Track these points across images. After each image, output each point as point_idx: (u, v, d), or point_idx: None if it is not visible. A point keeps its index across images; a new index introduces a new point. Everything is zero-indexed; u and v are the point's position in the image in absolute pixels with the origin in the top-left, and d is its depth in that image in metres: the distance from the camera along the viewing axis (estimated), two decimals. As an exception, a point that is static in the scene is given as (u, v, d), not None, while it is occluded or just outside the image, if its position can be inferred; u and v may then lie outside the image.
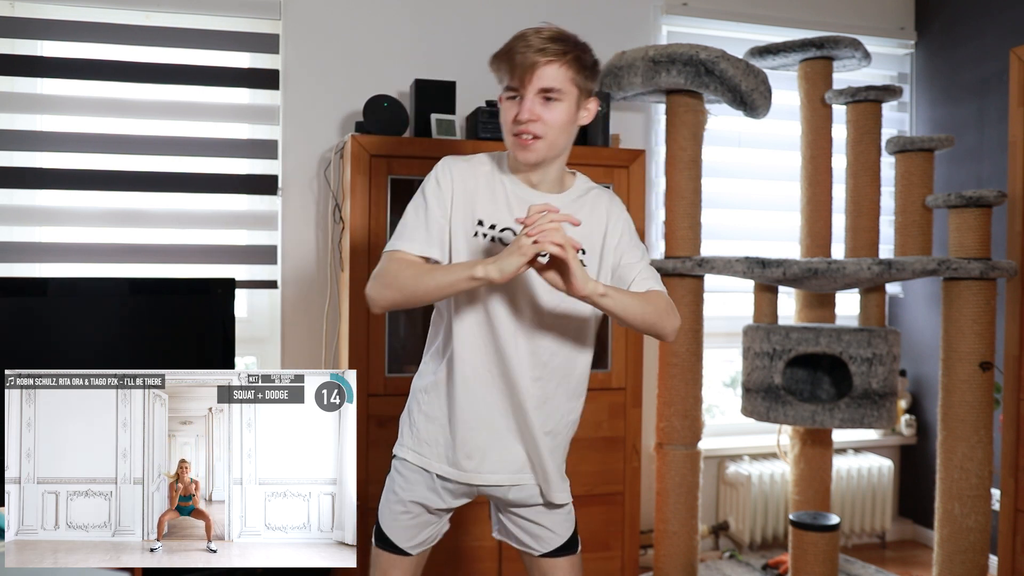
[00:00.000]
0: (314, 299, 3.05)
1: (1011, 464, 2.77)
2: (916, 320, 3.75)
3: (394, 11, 3.14)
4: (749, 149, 3.59)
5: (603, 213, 1.71)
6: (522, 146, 1.59)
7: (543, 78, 1.56)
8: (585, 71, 1.61)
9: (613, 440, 2.90)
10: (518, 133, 1.58)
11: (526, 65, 1.55)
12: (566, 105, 1.59)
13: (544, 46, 1.57)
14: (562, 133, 1.61)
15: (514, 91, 1.59)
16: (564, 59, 1.57)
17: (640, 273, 1.69)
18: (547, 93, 1.57)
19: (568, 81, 1.58)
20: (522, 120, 1.56)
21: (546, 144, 1.59)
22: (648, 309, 1.61)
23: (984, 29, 3.45)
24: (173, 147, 2.93)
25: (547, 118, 1.57)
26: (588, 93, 1.64)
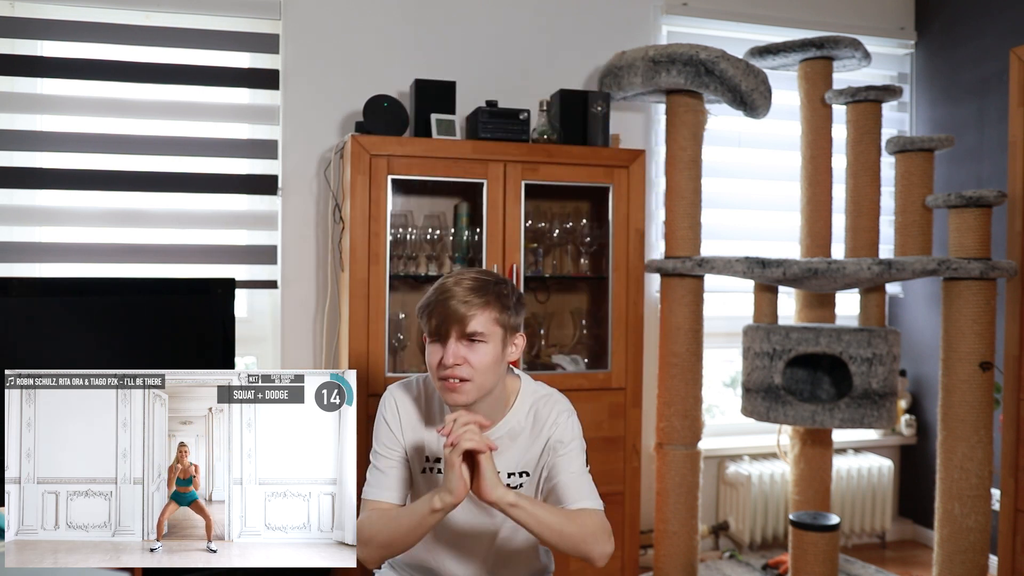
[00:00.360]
0: (314, 299, 3.05)
1: (1011, 464, 2.77)
2: (916, 320, 3.75)
3: (394, 11, 3.14)
4: (749, 149, 3.59)
5: (544, 435, 1.68)
6: (450, 389, 1.58)
7: (465, 325, 1.56)
8: (507, 311, 1.60)
9: (613, 440, 2.90)
10: (444, 377, 1.58)
11: (449, 317, 1.56)
12: (491, 347, 1.58)
13: (466, 298, 1.57)
14: (490, 374, 1.59)
15: (436, 335, 1.60)
16: (486, 307, 1.57)
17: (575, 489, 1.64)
18: (471, 336, 1.57)
19: (492, 323, 1.58)
20: (447, 364, 1.56)
21: (475, 386, 1.58)
22: (570, 530, 1.57)
23: (984, 29, 3.45)
24: (173, 147, 2.93)
25: (473, 361, 1.57)
26: (514, 329, 1.63)
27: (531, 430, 1.68)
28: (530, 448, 1.68)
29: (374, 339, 2.68)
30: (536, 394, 1.71)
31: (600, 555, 1.61)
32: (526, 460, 1.68)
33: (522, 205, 2.82)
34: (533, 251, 3.01)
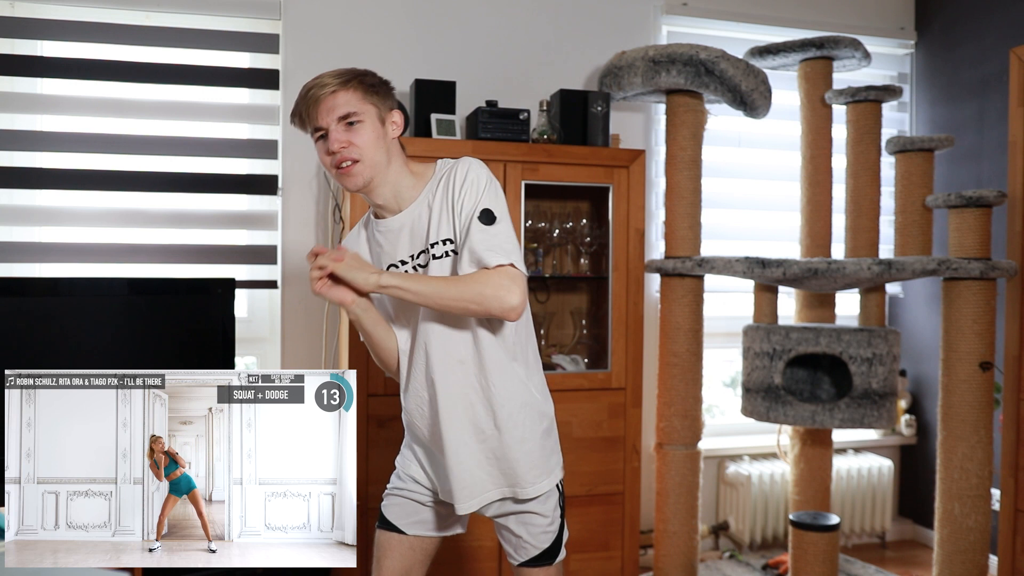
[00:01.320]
0: (314, 299, 3.05)
1: (1011, 464, 2.77)
2: (916, 320, 3.75)
3: (394, 11, 3.14)
4: (749, 149, 3.59)
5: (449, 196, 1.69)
6: (344, 174, 1.66)
7: (336, 107, 1.64)
8: (372, 89, 1.68)
9: (613, 440, 2.90)
10: (337, 164, 1.66)
11: (318, 102, 1.65)
12: (368, 124, 1.65)
13: (325, 82, 1.66)
14: (376, 150, 1.66)
15: (320, 130, 1.66)
16: (347, 86, 1.66)
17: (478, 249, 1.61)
18: (346, 119, 1.64)
19: (359, 102, 1.65)
20: (334, 150, 1.64)
21: (365, 165, 1.65)
22: (455, 292, 1.58)
23: (984, 29, 3.45)
24: (173, 147, 2.93)
25: (356, 140, 1.64)
26: (388, 108, 1.70)
27: (443, 197, 1.69)
28: (445, 214, 1.68)
29: (374, 339, 2.68)
30: (444, 165, 1.74)
31: (500, 309, 1.58)
32: (447, 227, 1.68)
33: (522, 205, 2.82)
34: (533, 251, 3.01)
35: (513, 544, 1.79)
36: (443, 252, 1.68)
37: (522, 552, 1.78)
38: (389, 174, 1.69)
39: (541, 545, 1.78)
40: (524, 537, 1.77)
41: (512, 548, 1.80)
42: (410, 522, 1.79)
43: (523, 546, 1.77)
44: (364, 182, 1.66)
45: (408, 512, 1.79)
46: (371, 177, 1.66)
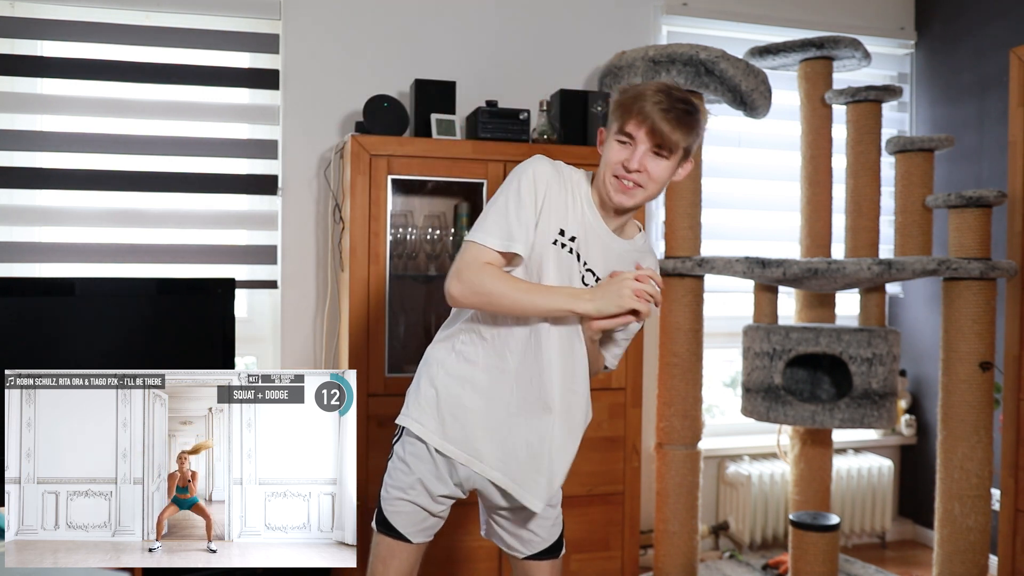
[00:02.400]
0: (314, 299, 3.05)
1: (1011, 464, 2.77)
2: (916, 320, 3.75)
3: (394, 11, 3.14)
4: (749, 149, 3.59)
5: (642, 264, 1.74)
6: (623, 190, 1.64)
7: (661, 136, 1.60)
8: (695, 136, 1.66)
9: (613, 440, 2.90)
10: (622, 176, 1.63)
11: (654, 130, 1.60)
12: (671, 164, 1.65)
13: (678, 121, 1.60)
14: (660, 187, 1.67)
15: (628, 137, 1.63)
16: (685, 124, 1.62)
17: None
18: (658, 150, 1.62)
19: (680, 143, 1.63)
20: (631, 168, 1.61)
21: (644, 195, 1.65)
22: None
23: (984, 29, 3.45)
24: (173, 147, 2.93)
25: (653, 172, 1.63)
26: (689, 154, 1.69)
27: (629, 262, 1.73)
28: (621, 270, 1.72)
29: (374, 339, 2.68)
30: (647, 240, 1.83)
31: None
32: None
33: (522, 205, 2.82)
34: (533, 251, 3.01)
35: (522, 539, 1.78)
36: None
37: (531, 546, 1.78)
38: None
39: (550, 538, 1.78)
40: (536, 531, 1.77)
41: (519, 543, 1.79)
42: (416, 531, 1.76)
43: (533, 539, 1.77)
44: (632, 206, 1.67)
45: (416, 521, 1.75)
46: (639, 206, 1.68)
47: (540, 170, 1.69)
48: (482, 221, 1.66)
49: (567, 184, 1.71)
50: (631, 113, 1.61)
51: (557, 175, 1.70)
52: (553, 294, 1.62)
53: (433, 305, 3.02)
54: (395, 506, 1.75)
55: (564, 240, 1.68)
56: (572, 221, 1.69)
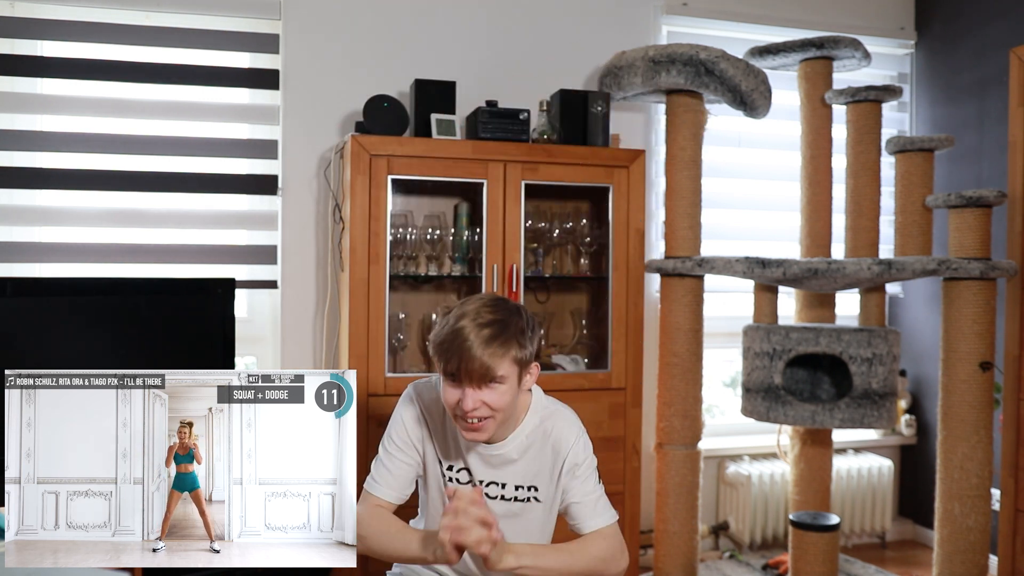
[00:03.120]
0: (314, 299, 3.05)
1: (1011, 464, 2.77)
2: (916, 320, 3.75)
3: (394, 11, 3.14)
4: (749, 149, 3.59)
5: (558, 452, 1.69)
6: (471, 429, 1.59)
7: (484, 368, 1.54)
8: (523, 349, 1.58)
9: (613, 440, 2.90)
10: (463, 417, 1.58)
11: (470, 369, 1.54)
12: (509, 387, 1.58)
13: (487, 349, 1.53)
14: (509, 405, 1.60)
15: (455, 378, 1.57)
16: (506, 355, 1.55)
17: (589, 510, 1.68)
18: (489, 381, 1.56)
19: (510, 365, 1.56)
20: (466, 408, 1.56)
21: (493, 423, 1.60)
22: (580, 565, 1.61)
23: (984, 29, 3.45)
24: (173, 147, 2.93)
25: (492, 402, 1.57)
26: (529, 362, 1.62)
27: (540, 444, 1.70)
28: (538, 461, 1.70)
29: (374, 339, 2.68)
30: (546, 409, 1.72)
31: (616, 571, 1.67)
32: (534, 473, 1.70)
33: (522, 205, 2.82)
34: (533, 251, 3.01)
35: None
36: (525, 497, 1.70)
37: None
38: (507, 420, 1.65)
39: None
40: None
41: None
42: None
43: None
44: (488, 437, 1.61)
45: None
46: (496, 430, 1.62)
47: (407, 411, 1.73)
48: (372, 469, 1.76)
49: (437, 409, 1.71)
50: (446, 355, 1.56)
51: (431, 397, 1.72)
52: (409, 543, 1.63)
53: (433, 305, 3.02)
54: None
55: (449, 473, 1.71)
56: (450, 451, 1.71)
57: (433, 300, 3.03)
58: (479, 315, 1.56)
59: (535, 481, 1.70)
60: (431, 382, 1.76)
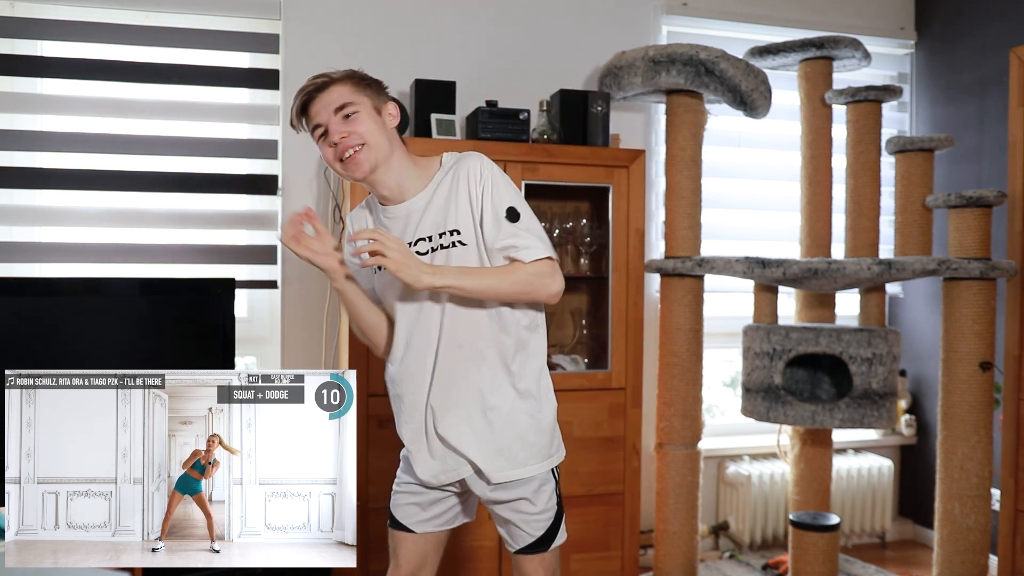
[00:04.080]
0: (314, 299, 3.05)
1: (1011, 464, 2.77)
2: (916, 320, 3.75)
3: (394, 11, 3.14)
4: (749, 149, 3.59)
5: (463, 187, 1.74)
6: (351, 162, 1.69)
7: (331, 101, 1.69)
8: (362, 83, 1.74)
9: (613, 440, 2.90)
10: (341, 157, 1.69)
11: (312, 99, 1.71)
12: (364, 113, 1.70)
13: (317, 81, 1.73)
14: (378, 135, 1.70)
15: (320, 127, 1.71)
16: (338, 81, 1.72)
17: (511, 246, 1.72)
18: (343, 110, 1.69)
19: (353, 94, 1.71)
20: (335, 141, 1.68)
21: (371, 149, 1.69)
22: (506, 284, 1.69)
23: (984, 29, 3.45)
24: (173, 147, 2.93)
25: (356, 129, 1.69)
26: (382, 101, 1.76)
27: (450, 187, 1.74)
28: (452, 204, 1.73)
29: (374, 339, 2.67)
30: (455, 157, 1.79)
31: (547, 296, 1.74)
32: (453, 217, 1.73)
33: (522, 205, 2.82)
34: (533, 251, 3.01)
35: (510, 533, 1.81)
36: (450, 243, 1.72)
37: (519, 540, 1.80)
38: (392, 162, 1.73)
39: (536, 533, 1.79)
40: (520, 526, 1.78)
41: (508, 536, 1.82)
42: (416, 521, 1.82)
43: (519, 534, 1.79)
44: (370, 167, 1.69)
45: (412, 513, 1.82)
46: (376, 162, 1.70)
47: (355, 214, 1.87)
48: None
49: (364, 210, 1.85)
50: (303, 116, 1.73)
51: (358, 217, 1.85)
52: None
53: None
54: (396, 499, 1.85)
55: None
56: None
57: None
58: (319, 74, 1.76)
59: (456, 225, 1.72)
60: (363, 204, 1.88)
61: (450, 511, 1.84)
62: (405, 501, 1.83)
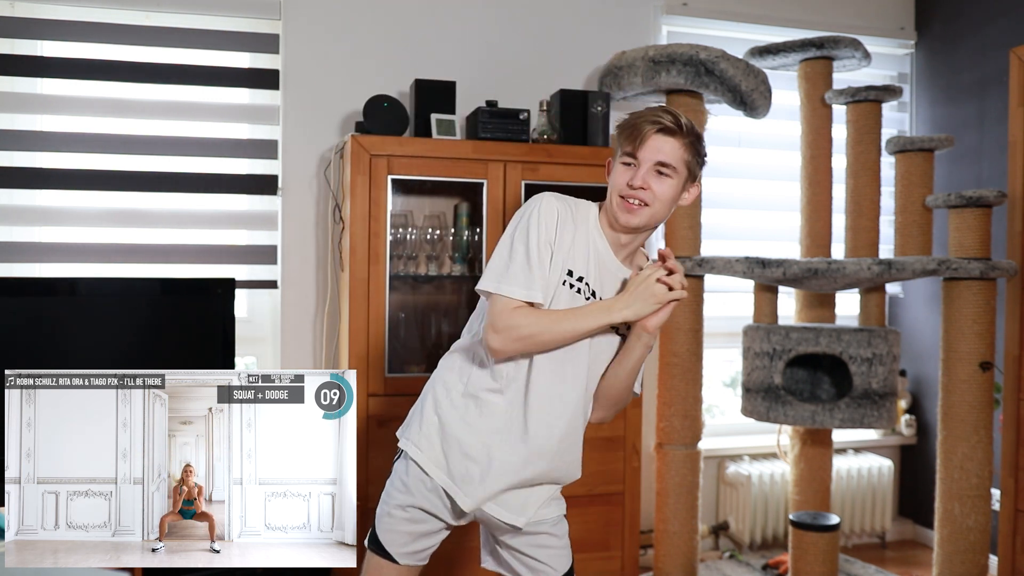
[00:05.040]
0: (314, 299, 3.05)
1: (1011, 464, 2.77)
2: (916, 320, 3.75)
3: (394, 11, 3.14)
4: (749, 149, 3.59)
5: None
6: (628, 210, 1.66)
7: (662, 152, 1.65)
8: (697, 157, 1.72)
9: (613, 440, 2.90)
10: (627, 196, 1.66)
11: (654, 134, 1.65)
12: (675, 182, 1.68)
13: (671, 125, 1.66)
14: (665, 207, 1.69)
15: (631, 158, 1.67)
16: (684, 141, 1.67)
17: None
18: (661, 167, 1.65)
19: (681, 161, 1.68)
20: (635, 186, 1.65)
21: (650, 212, 1.67)
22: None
23: (984, 29, 3.45)
24: (173, 147, 2.93)
25: (657, 190, 1.66)
26: (694, 178, 1.74)
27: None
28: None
29: (374, 339, 2.68)
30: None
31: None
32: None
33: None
34: (533, 251, 3.01)
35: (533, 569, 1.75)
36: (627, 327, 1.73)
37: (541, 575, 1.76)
38: (648, 233, 1.74)
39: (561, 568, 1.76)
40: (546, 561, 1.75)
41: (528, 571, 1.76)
42: (404, 552, 1.73)
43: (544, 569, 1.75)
44: (638, 225, 1.67)
45: (405, 543, 1.73)
46: (646, 225, 1.69)
47: (548, 209, 1.68)
48: (502, 270, 1.65)
49: (576, 218, 1.72)
50: (631, 135, 1.66)
51: (567, 211, 1.71)
52: (586, 313, 1.65)
53: (433, 305, 3.02)
54: (386, 524, 1.73)
55: (572, 280, 1.69)
56: (579, 258, 1.69)
57: (433, 300, 3.03)
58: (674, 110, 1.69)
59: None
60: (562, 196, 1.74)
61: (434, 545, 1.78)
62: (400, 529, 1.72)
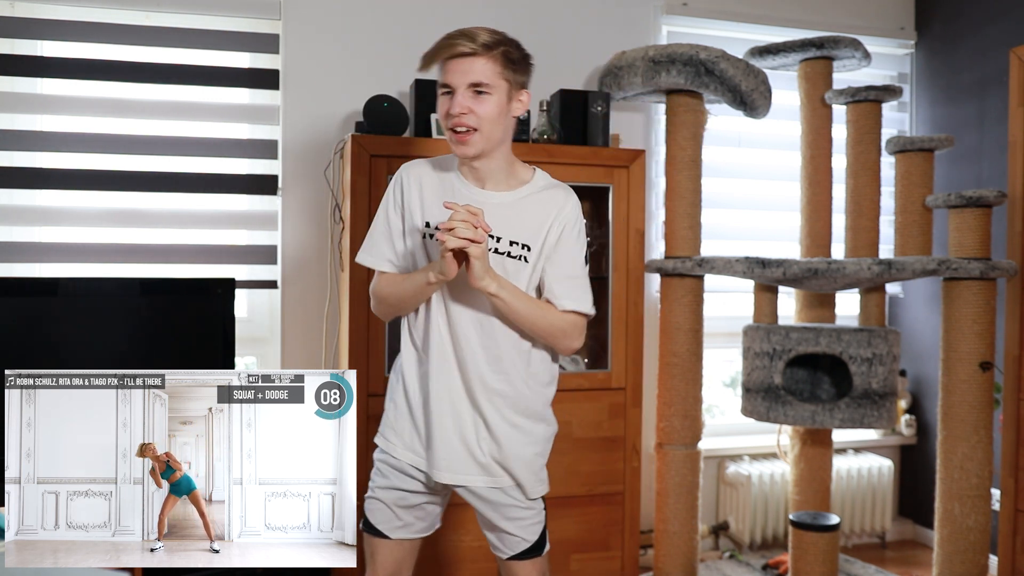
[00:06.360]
0: (314, 299, 3.05)
1: (1011, 464, 2.77)
2: (916, 320, 3.75)
3: (394, 11, 3.14)
4: (749, 149, 3.59)
5: (551, 213, 1.74)
6: (459, 140, 1.66)
7: (470, 72, 1.64)
8: (513, 65, 1.68)
9: (613, 440, 2.90)
10: (452, 127, 1.66)
11: (455, 59, 1.65)
12: (496, 98, 1.66)
13: (469, 44, 1.65)
14: (495, 125, 1.67)
15: (447, 87, 1.67)
16: (490, 54, 1.65)
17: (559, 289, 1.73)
18: (477, 87, 1.64)
19: (496, 75, 1.65)
20: (454, 113, 1.64)
21: (481, 136, 1.66)
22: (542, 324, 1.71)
23: (984, 29, 3.45)
24: (173, 147, 2.93)
25: (479, 111, 1.64)
26: (519, 86, 1.71)
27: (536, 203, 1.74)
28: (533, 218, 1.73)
29: (374, 339, 2.68)
30: (551, 181, 1.80)
31: (565, 349, 1.79)
32: (530, 234, 1.72)
33: (522, 205, 2.82)
34: (533, 251, 3.01)
35: (503, 539, 1.80)
36: (516, 255, 1.72)
37: (512, 545, 1.80)
38: (496, 153, 1.71)
39: (531, 537, 1.79)
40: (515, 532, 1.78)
41: (501, 543, 1.81)
42: (392, 527, 1.82)
43: (513, 540, 1.79)
44: (475, 152, 1.67)
45: (389, 518, 1.81)
46: (483, 150, 1.67)
47: (396, 180, 1.79)
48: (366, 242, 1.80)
49: (439, 170, 1.77)
50: (435, 60, 1.67)
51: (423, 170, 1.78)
52: (411, 278, 1.71)
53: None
54: (370, 504, 1.83)
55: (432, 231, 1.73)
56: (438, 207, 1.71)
57: (433, 300, 3.03)
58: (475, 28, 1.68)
59: (528, 242, 1.72)
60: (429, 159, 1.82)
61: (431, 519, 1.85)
62: (380, 507, 1.82)
